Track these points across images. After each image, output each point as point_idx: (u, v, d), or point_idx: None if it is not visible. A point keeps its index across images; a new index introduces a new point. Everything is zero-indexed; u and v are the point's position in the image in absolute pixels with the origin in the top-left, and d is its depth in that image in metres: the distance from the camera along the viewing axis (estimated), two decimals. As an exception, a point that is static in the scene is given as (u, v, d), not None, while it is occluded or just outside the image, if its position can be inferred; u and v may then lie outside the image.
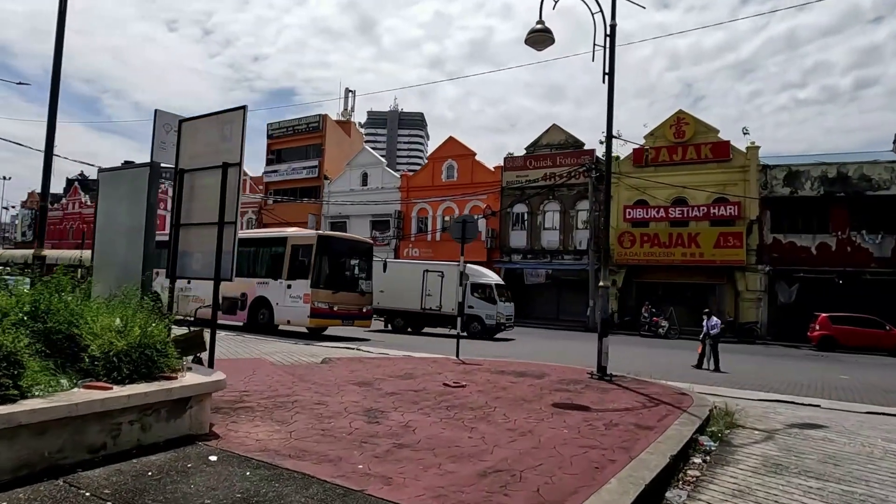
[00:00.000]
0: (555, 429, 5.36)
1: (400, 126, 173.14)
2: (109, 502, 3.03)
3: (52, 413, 3.35)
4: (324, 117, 44.27)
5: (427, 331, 21.73)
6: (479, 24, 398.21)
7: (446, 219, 36.91)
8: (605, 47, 9.11)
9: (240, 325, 16.78)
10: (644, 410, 6.53)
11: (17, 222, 67.11)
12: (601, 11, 9.19)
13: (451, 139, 38.43)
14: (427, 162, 39.70)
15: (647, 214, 30.18)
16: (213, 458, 3.88)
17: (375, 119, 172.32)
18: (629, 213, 30.50)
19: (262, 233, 19.73)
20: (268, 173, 45.39)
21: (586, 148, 32.49)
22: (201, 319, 18.40)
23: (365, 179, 40.54)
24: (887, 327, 22.08)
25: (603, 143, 35.17)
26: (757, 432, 6.38)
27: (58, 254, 54.82)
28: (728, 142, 28.90)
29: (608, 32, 9.10)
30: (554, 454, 4.44)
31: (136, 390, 3.92)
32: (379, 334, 18.94)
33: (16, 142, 75.06)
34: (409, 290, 20.57)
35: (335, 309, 15.26)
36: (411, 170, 56.26)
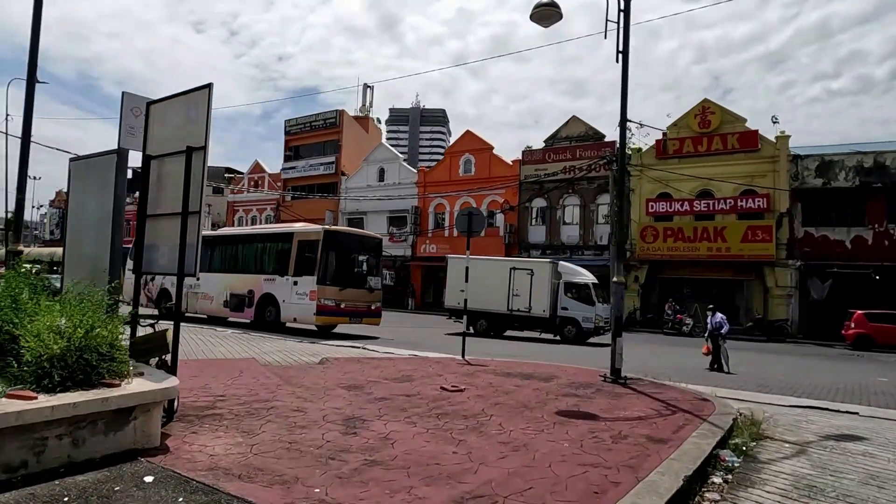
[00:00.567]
0: (554, 442, 4.76)
1: (422, 123, 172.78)
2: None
3: (-50, 429, 2.89)
4: (341, 113, 44.02)
5: (511, 334, 20.07)
6: (502, 20, 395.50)
7: (464, 214, 36.30)
8: (618, 23, 8.42)
9: (247, 322, 16.47)
10: (659, 419, 5.88)
11: (45, 221, 68.58)
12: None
13: (468, 133, 37.78)
14: (444, 156, 39.10)
15: (670, 208, 29.14)
16: (149, 478, 3.39)
17: (397, 116, 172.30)
18: (652, 207, 29.49)
19: (268, 228, 19.43)
20: (285, 170, 45.34)
21: (607, 140, 31.51)
22: (213, 317, 18.27)
23: (382, 175, 40.17)
24: (929, 325, 20.81)
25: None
26: (787, 445, 5.68)
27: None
28: (756, 131, 27.67)
29: (622, 7, 8.41)
30: (548, 475, 3.86)
31: (64, 400, 3.45)
32: (436, 337, 17.95)
33: (52, 146, 76.67)
34: (494, 290, 19.02)
35: (342, 306, 14.81)
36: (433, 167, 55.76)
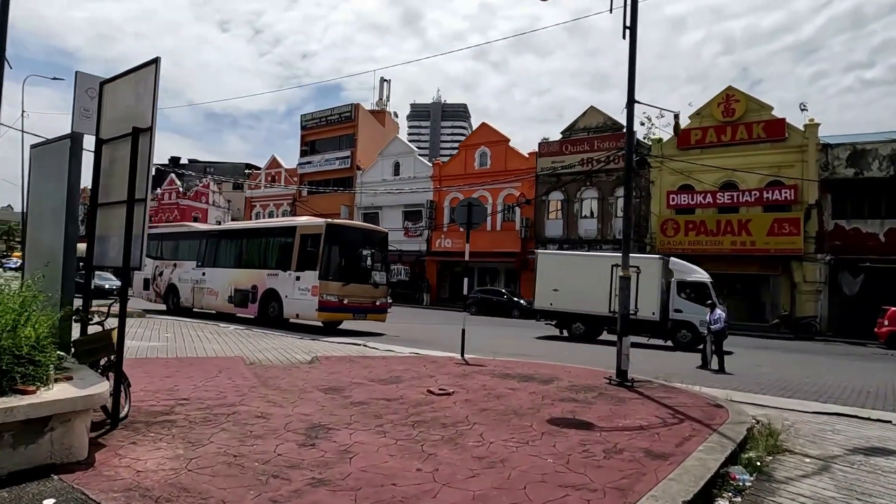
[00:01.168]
0: (537, 456, 4.22)
1: (443, 118, 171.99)
2: None
3: None
4: (356, 107, 43.69)
5: (608, 338, 16.75)
6: (524, 14, 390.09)
7: (479, 208, 35.67)
8: (625, -3, 7.76)
9: (251, 318, 16.19)
10: (662, 429, 5.29)
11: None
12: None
13: (483, 125, 37.10)
14: (459, 150, 38.48)
15: (692, 200, 28.09)
16: (49, 501, 2.95)
17: (419, 111, 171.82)
18: (673, 199, 28.48)
19: (271, 222, 19.13)
20: (302, 165, 45.24)
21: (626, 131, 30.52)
22: (221, 313, 18.05)
23: (397, 169, 39.75)
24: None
25: (644, 123, 33.19)
26: (808, 460, 5.04)
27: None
28: (783, 119, 26.43)
29: (629, -22, 7.74)
30: (519, 499, 3.32)
31: (-44, 411, 3.03)
32: (536, 341, 16.96)
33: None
34: (593, 290, 16.95)
35: (345, 302, 14.39)
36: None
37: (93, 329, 4.93)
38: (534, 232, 33.18)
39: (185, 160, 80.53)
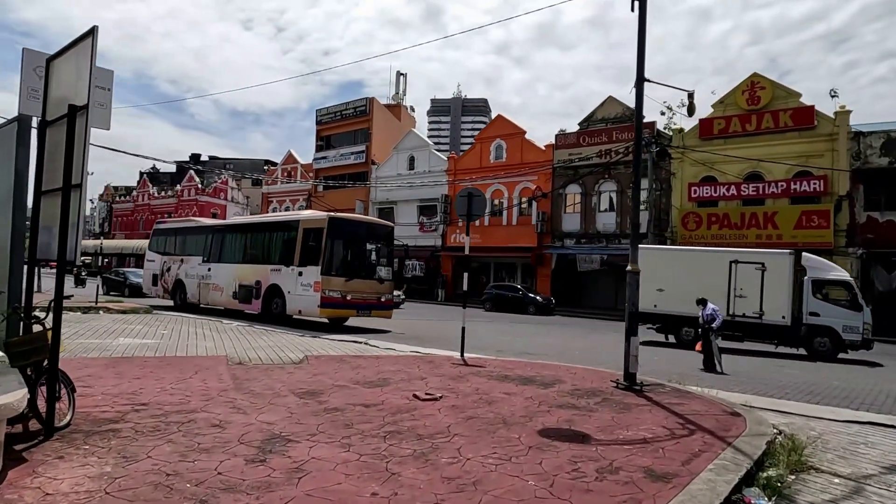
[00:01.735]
0: (517, 477, 3.66)
1: (463, 113, 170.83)
2: None
3: None
4: (371, 101, 43.29)
5: (728, 346, 15.06)
6: (546, 7, 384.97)
7: (495, 202, 35.06)
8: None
9: (255, 314, 15.87)
10: (669, 443, 4.68)
11: (94, 214, 71.08)
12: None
13: (499, 117, 36.38)
14: (474, 143, 37.80)
15: (715, 192, 27.03)
16: (-83, 536, 2.51)
17: (439, 107, 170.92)
18: (695, 192, 27.46)
19: (275, 216, 18.80)
20: (317, 160, 45.05)
21: (646, 121, 29.54)
22: (228, 309, 17.78)
23: (412, 163, 39.27)
24: None
25: (664, 113, 32.15)
26: (837, 480, 4.40)
27: (114, 244, 56.55)
28: (812, 106, 25.19)
29: (638, -55, 7.08)
30: (483, 536, 2.78)
31: None
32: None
33: (112, 147, 79.46)
34: (706, 291, 14.39)
35: (348, 298, 13.93)
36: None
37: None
38: (550, 226, 32.42)
39: (206, 157, 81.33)
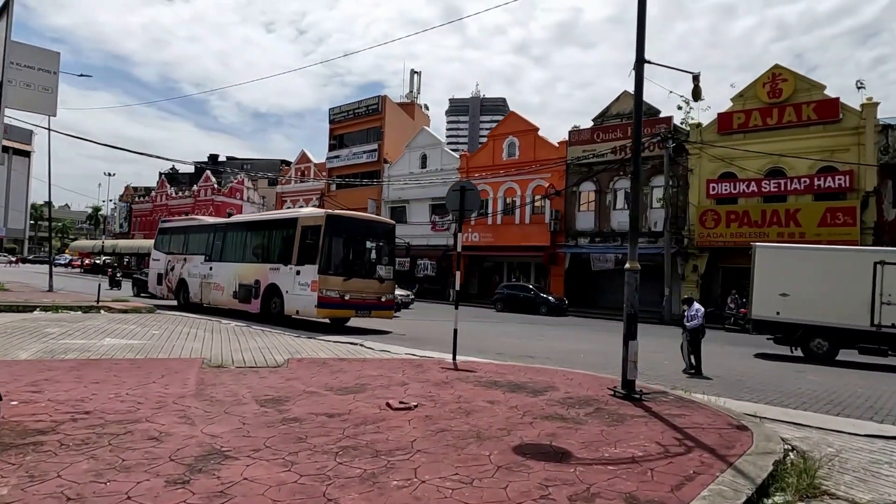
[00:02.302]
0: (474, 507, 3.16)
1: (482, 112, 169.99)
2: None
3: None
4: (383, 99, 43.00)
5: (847, 358, 13.82)
6: (566, 6, 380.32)
7: (507, 200, 34.46)
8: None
9: (254, 314, 15.56)
10: (660, 462, 4.13)
11: (115, 214, 72.07)
12: None
13: (512, 114, 35.81)
14: (487, 140, 37.25)
15: (734, 189, 26.09)
16: None
17: (457, 106, 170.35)
18: (713, 189, 26.56)
19: (275, 214, 18.49)
20: (330, 159, 44.92)
21: (662, 116, 28.72)
22: (230, 309, 17.49)
23: (424, 161, 38.87)
24: None
25: (681, 108, 31.16)
26: (855, 510, 3.81)
27: (131, 243, 56.99)
28: (837, 99, 24.14)
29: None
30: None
31: None
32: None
33: (140, 152, 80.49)
34: (843, 295, 13.46)
35: (347, 298, 13.52)
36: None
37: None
38: (564, 225, 31.73)
39: (224, 158, 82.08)
